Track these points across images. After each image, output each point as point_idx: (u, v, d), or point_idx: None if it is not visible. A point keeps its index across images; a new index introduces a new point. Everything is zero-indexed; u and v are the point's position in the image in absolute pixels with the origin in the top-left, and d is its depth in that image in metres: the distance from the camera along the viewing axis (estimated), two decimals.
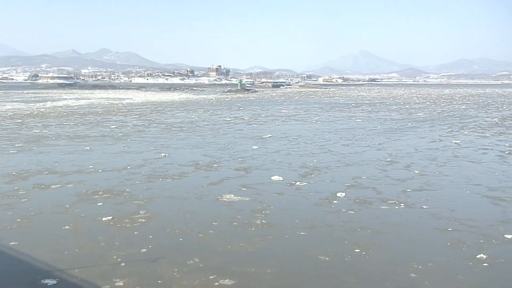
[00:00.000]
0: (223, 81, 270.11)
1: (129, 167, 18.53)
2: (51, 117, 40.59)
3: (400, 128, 34.43)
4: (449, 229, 11.42)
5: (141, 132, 30.41)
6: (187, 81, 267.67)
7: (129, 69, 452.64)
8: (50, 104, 60.10)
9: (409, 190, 15.23)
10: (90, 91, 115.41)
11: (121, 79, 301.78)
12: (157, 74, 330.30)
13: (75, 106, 56.76)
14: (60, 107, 54.52)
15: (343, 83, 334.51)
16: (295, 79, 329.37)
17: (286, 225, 11.57)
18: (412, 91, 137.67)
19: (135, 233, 10.96)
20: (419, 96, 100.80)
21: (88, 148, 23.45)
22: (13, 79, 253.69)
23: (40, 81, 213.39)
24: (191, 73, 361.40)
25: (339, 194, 14.47)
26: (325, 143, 25.92)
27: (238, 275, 8.72)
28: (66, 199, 13.85)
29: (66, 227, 11.40)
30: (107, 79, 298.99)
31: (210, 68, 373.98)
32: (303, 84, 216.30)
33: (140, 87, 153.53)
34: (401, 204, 13.57)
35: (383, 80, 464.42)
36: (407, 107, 60.38)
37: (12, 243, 10.22)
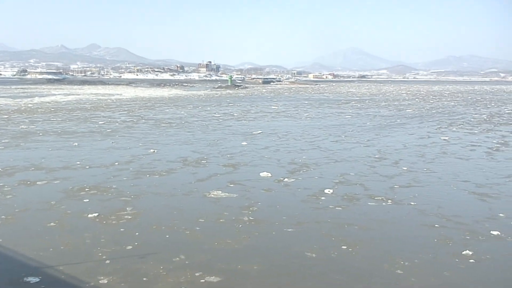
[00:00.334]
0: (213, 77, 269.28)
1: (117, 163, 18.41)
2: (38, 113, 40.25)
3: (389, 124, 34.52)
4: (436, 226, 11.45)
5: (130, 128, 30.23)
6: (177, 77, 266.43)
7: (119, 65, 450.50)
8: (38, 99, 59.57)
9: (396, 186, 15.26)
10: (79, 87, 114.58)
11: (111, 74, 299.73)
12: (147, 69, 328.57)
13: (63, 101, 56.32)
14: (48, 102, 54.07)
15: (333, 79, 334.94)
16: (285, 75, 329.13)
17: (273, 222, 11.54)
18: (401, 88, 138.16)
19: (121, 230, 10.87)
20: (408, 92, 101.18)
21: (76, 144, 23.27)
22: (0, 75, 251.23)
23: (28, 77, 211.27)
24: (181, 69, 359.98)
25: (327, 190, 14.46)
26: (314, 140, 25.91)
27: (224, 272, 8.67)
28: (52, 196, 13.72)
29: (51, 224, 11.29)
30: (96, 74, 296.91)
31: (200, 64, 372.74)
32: (293, 80, 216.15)
33: (129, 83, 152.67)
34: (389, 200, 13.58)
35: (373, 76, 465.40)
36: (396, 103, 60.57)
37: None
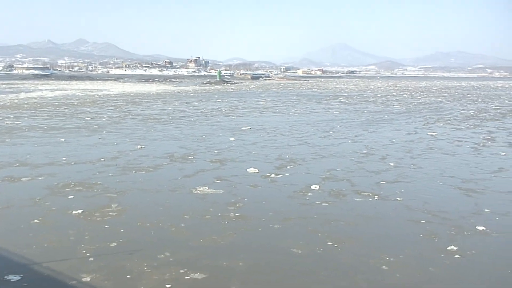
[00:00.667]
0: (202, 73, 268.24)
1: (103, 159, 18.25)
2: (24, 109, 39.80)
3: (377, 120, 34.61)
4: (422, 221, 11.48)
5: (117, 123, 30.01)
6: (166, 73, 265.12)
7: (107, 60, 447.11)
8: (23, 95, 58.93)
9: (383, 182, 15.28)
10: (66, 82, 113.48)
11: (99, 70, 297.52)
12: (135, 65, 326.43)
13: (50, 97, 55.78)
14: (34, 98, 53.49)
15: (322, 75, 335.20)
16: (274, 71, 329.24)
17: (259, 218, 11.50)
18: (389, 84, 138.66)
19: (105, 226, 10.77)
20: (396, 88, 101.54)
21: (62, 140, 23.05)
22: None
23: (15, 72, 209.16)
24: (170, 64, 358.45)
25: (313, 186, 14.44)
26: (302, 135, 25.90)
27: (209, 269, 8.62)
28: (36, 192, 13.56)
29: (35, 221, 11.15)
30: (84, 70, 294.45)
31: (189, 59, 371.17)
32: (282, 76, 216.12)
33: (118, 78, 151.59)
34: (375, 196, 13.60)
35: (361, 72, 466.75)
36: (384, 99, 60.76)
37: None
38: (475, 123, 33.52)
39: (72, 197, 13.13)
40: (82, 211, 11.77)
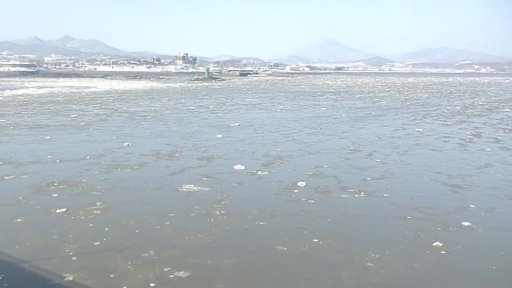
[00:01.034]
0: (190, 70, 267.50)
1: (88, 157, 18.08)
2: (9, 106, 39.37)
3: (364, 116, 34.66)
4: (408, 217, 11.49)
5: (104, 121, 29.78)
6: (154, 69, 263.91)
7: (94, 57, 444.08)
8: (8, 92, 58.28)
9: (370, 178, 15.28)
10: (53, 79, 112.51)
11: (86, 67, 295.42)
12: (122, 62, 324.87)
13: (35, 94, 55.21)
14: (20, 95, 52.91)
15: (310, 71, 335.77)
16: (262, 67, 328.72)
17: (245, 215, 11.44)
18: (377, 80, 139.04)
19: (90, 225, 10.65)
20: (384, 84, 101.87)
21: (48, 137, 22.83)
22: None
23: (0, 69, 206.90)
24: (158, 61, 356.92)
25: (300, 183, 14.40)
26: (289, 132, 25.86)
27: (194, 267, 8.55)
28: (20, 191, 13.39)
29: (18, 219, 11.00)
30: (71, 67, 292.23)
31: (177, 56, 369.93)
32: (270, 72, 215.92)
33: (105, 75, 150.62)
34: (362, 193, 13.59)
35: (349, 68, 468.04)
36: (371, 95, 60.91)
37: None
38: (462, 119, 33.70)
39: (56, 195, 12.98)
40: (66, 209, 11.64)
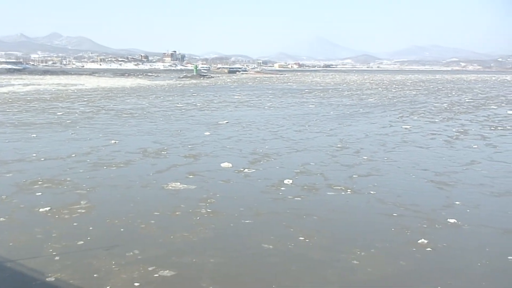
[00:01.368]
0: (179, 67, 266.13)
1: (74, 155, 17.91)
2: None
3: (352, 113, 34.73)
4: (394, 214, 11.49)
5: (90, 119, 29.54)
6: (142, 67, 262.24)
7: (81, 54, 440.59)
8: None
9: (356, 176, 15.28)
10: (40, 77, 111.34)
11: (73, 64, 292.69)
12: (110, 59, 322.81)
13: (21, 92, 54.66)
14: (5, 93, 52.30)
15: (299, 69, 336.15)
16: (251, 64, 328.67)
17: (231, 213, 11.38)
18: (365, 77, 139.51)
19: (74, 224, 10.53)
20: (371, 82, 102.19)
21: (34, 135, 22.62)
22: None
23: None
24: (146, 58, 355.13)
25: (287, 181, 14.36)
26: (277, 129, 25.83)
27: (178, 266, 8.48)
28: (3, 190, 13.21)
29: (1, 219, 10.85)
30: (58, 64, 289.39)
31: (165, 53, 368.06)
32: (259, 70, 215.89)
33: (92, 73, 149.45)
34: (348, 190, 13.58)
35: (337, 66, 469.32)
36: (359, 93, 61.08)
37: None
38: (449, 116, 33.87)
39: (40, 194, 12.83)
40: (50, 208, 11.50)
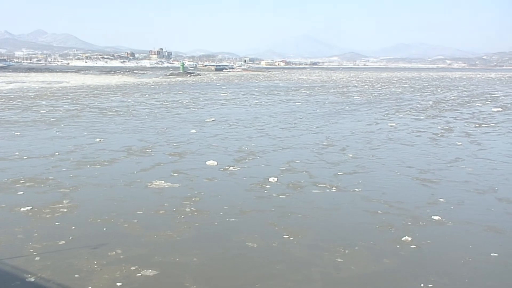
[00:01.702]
0: (165, 64, 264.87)
1: (57, 154, 17.71)
2: None
3: (338, 111, 34.76)
4: (379, 212, 11.49)
5: (75, 117, 29.25)
6: (128, 64, 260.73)
7: (67, 52, 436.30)
8: None
9: (341, 173, 15.28)
10: (25, 74, 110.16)
11: (58, 61, 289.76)
12: (96, 56, 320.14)
13: (4, 90, 53.99)
14: None
15: (286, 66, 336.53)
16: (238, 62, 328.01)
17: (215, 212, 11.30)
18: (351, 75, 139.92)
19: (55, 223, 10.38)
20: (358, 79, 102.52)
21: (18, 133, 22.34)
22: None
23: None
24: (132, 56, 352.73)
25: (272, 178, 14.31)
26: (263, 127, 25.77)
27: (161, 265, 8.39)
28: None
29: None
30: (43, 61, 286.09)
31: (151, 51, 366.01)
32: (246, 67, 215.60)
33: (78, 70, 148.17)
34: (333, 188, 13.56)
35: (324, 63, 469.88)
36: (345, 90, 61.22)
37: None
38: (434, 113, 34.04)
39: (21, 193, 12.65)
40: (31, 207, 11.34)
